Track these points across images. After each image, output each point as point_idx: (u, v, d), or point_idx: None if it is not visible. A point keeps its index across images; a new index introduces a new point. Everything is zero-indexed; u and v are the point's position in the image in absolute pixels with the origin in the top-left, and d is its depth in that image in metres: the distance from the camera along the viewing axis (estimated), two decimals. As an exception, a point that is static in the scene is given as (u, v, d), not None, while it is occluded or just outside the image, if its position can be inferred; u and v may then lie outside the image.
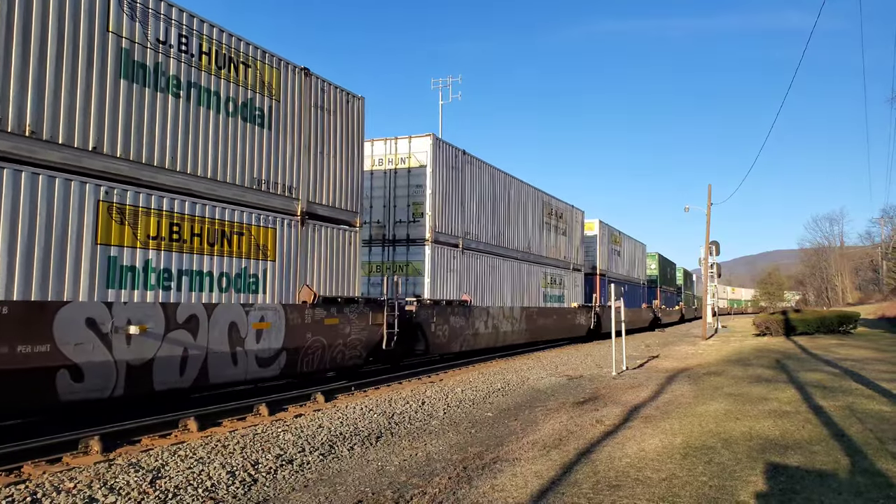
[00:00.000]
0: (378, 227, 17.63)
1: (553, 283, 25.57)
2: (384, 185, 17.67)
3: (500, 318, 20.38)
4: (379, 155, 17.86)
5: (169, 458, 7.00)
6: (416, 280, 16.86)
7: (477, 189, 19.55)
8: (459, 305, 17.72)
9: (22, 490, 5.80)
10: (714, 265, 38.63)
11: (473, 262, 18.95)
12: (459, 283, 18.07)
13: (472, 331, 18.30)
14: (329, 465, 7.03)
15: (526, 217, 23.21)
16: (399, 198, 17.41)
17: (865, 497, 5.55)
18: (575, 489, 5.86)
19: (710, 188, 32.84)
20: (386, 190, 17.63)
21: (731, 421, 8.95)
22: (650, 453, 7.15)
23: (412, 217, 17.13)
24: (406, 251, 17.14)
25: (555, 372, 16.09)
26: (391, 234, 17.42)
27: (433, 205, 16.94)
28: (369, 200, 17.41)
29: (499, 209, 20.97)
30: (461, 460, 7.11)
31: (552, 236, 25.78)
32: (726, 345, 25.38)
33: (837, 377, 13.63)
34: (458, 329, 17.50)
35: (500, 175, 21.29)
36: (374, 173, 17.76)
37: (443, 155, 17.53)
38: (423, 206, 16.96)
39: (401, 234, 17.28)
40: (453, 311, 17.33)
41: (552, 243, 25.74)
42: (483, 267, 19.54)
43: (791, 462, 6.68)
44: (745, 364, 16.93)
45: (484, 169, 20.12)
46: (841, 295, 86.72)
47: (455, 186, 18.17)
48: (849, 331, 30.70)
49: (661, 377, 14.48)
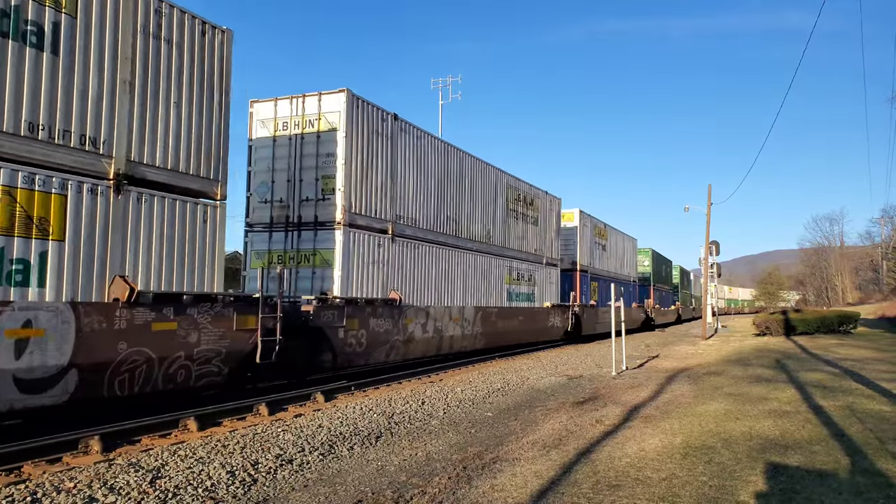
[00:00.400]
0: (281, 208, 14.28)
1: (521, 280, 22.51)
2: (289, 155, 14.29)
3: (446, 320, 17.28)
4: (284, 117, 14.44)
5: (169, 458, 7.00)
6: (324, 273, 13.53)
7: (416, 164, 16.31)
8: (385, 305, 14.53)
9: (22, 490, 5.80)
10: (714, 265, 38.64)
11: (410, 252, 15.85)
12: (388, 277, 14.88)
13: (403, 336, 15.10)
14: (329, 464, 7.03)
15: (486, 202, 20.12)
16: (306, 170, 14.02)
17: (865, 497, 5.55)
18: (575, 489, 5.85)
19: (710, 188, 32.86)
20: (291, 160, 14.23)
21: (731, 421, 8.94)
22: (650, 453, 7.15)
23: (321, 194, 13.82)
24: (313, 237, 13.79)
25: (555, 372, 16.09)
26: (296, 215, 14.08)
27: (348, 178, 13.65)
28: (270, 174, 14.40)
29: (449, 190, 17.91)
30: (461, 460, 7.11)
31: (520, 226, 22.74)
32: (726, 345, 25.38)
33: (837, 377, 13.63)
34: (381, 335, 14.30)
35: (451, 150, 18.24)
36: (278, 140, 14.46)
37: (362, 117, 14.24)
38: (334, 180, 13.65)
39: (308, 216, 13.94)
40: (375, 313, 14.06)
41: (520, 234, 22.74)
42: (424, 259, 16.49)
43: (791, 462, 6.68)
44: (745, 364, 16.92)
45: (426, 140, 16.87)
46: (841, 295, 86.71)
47: (382, 158, 14.86)
48: (849, 331, 30.70)
49: (660, 377, 14.47)
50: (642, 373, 15.63)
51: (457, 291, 18.17)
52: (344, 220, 13.54)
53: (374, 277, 14.46)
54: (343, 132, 13.65)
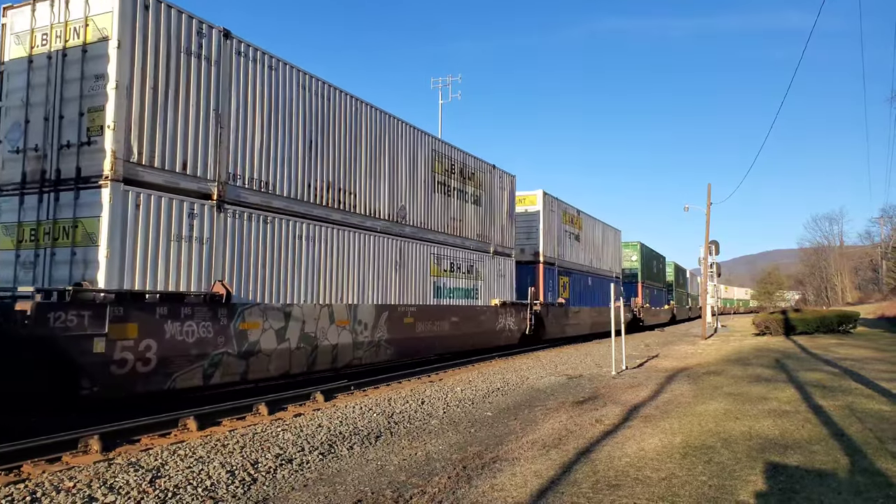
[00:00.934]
0: (36, 159, 9.68)
1: (456, 272, 17.99)
2: (48, 81, 9.74)
3: (323, 323, 12.49)
4: (43, 27, 9.93)
5: (168, 458, 7.00)
6: (87, 254, 9.04)
7: (270, 105, 11.75)
8: (202, 304, 9.96)
9: (21, 489, 5.80)
10: (714, 264, 38.67)
11: (256, 228, 11.21)
12: (212, 263, 10.34)
13: (236, 348, 10.49)
14: (328, 464, 7.03)
15: (398, 170, 15.53)
16: (68, 102, 9.52)
17: (865, 496, 5.55)
18: (574, 489, 5.85)
19: (710, 188, 32.87)
20: (50, 89, 9.69)
21: (730, 420, 8.95)
22: (650, 453, 7.15)
23: (86, 136, 9.31)
24: (73, 200, 9.21)
25: (554, 371, 16.10)
26: (54, 169, 9.48)
27: (126, 112, 9.25)
28: (24, 110, 9.85)
29: (334, 150, 13.30)
30: (460, 460, 7.11)
31: (454, 204, 18.23)
32: (726, 344, 25.39)
33: (837, 377, 13.63)
34: (190, 346, 9.70)
35: (339, 96, 13.58)
36: (35, 61, 9.87)
37: (159, 25, 9.77)
38: (103, 113, 9.17)
39: (68, 170, 9.35)
40: (177, 314, 9.50)
41: (455, 214, 18.24)
42: (286, 239, 11.84)
43: (791, 461, 6.68)
44: (744, 363, 16.93)
45: (289, 75, 12.23)
46: (840, 294, 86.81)
47: (200, 88, 10.38)
48: (848, 330, 30.73)
49: (660, 377, 14.48)
50: (642, 372, 15.63)
51: (348, 285, 13.42)
52: (117, 172, 9.03)
53: (186, 263, 9.93)
54: (118, 43, 9.20)
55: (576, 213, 29.25)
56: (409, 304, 15.45)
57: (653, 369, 16.29)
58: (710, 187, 32.89)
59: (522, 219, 24.49)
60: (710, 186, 32.94)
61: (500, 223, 21.33)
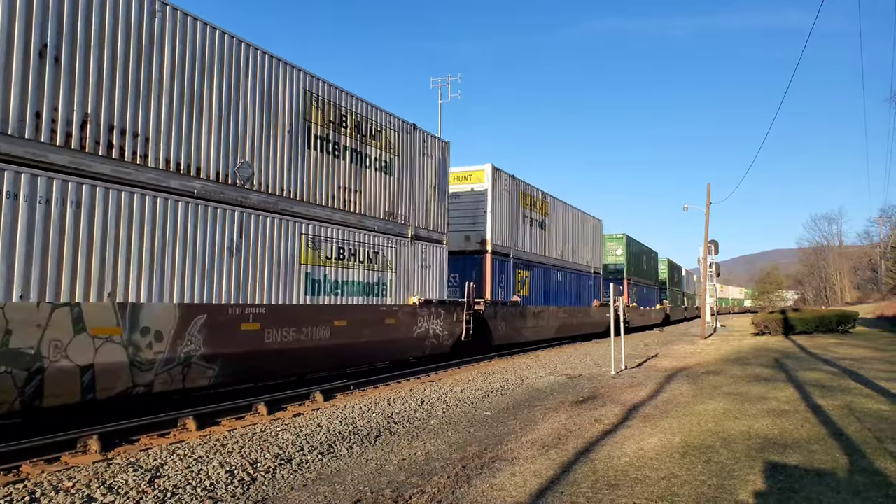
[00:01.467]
0: None
1: (350, 260, 13.47)
2: None
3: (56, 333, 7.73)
4: None
5: (168, 458, 7.00)
6: None
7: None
8: None
9: (20, 489, 5.80)
10: (713, 264, 38.68)
11: None
12: None
13: None
14: (328, 464, 7.02)
15: (238, 111, 10.83)
16: None
17: (864, 496, 5.55)
18: (574, 488, 5.85)
19: (710, 187, 32.88)
20: None
21: (729, 420, 8.95)
22: (649, 452, 7.15)
23: None
24: None
25: (554, 371, 16.10)
26: None
27: None
28: None
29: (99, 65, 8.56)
30: (460, 459, 7.11)
31: (347, 169, 13.53)
32: (725, 344, 25.39)
33: (836, 376, 13.64)
34: None
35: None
36: None
37: None
38: None
39: None
40: None
41: (346, 182, 13.51)
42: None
43: (790, 461, 6.69)
44: (743, 363, 16.93)
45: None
46: (839, 294, 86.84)
47: None
48: (847, 330, 30.74)
49: (660, 376, 14.48)
50: (641, 372, 15.64)
51: (129, 275, 8.82)
52: None
53: None
54: None
55: (540, 196, 24.86)
56: (252, 303, 10.83)
57: (652, 369, 16.29)
58: (709, 187, 32.93)
59: (468, 199, 20.66)
60: (710, 186, 32.98)
61: (425, 200, 16.65)
